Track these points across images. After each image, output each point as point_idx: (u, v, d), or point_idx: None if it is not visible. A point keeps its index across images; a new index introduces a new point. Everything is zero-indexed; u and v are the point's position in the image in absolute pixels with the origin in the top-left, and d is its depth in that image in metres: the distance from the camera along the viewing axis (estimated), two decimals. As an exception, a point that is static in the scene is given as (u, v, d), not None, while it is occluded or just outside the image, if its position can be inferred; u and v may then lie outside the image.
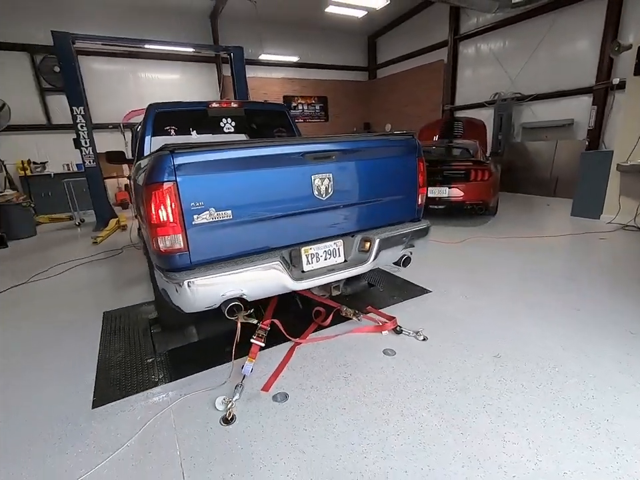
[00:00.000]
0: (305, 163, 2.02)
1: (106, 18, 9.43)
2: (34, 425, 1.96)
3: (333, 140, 2.15)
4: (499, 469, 1.55)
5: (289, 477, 1.56)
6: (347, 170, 2.19)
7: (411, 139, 2.49)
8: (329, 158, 2.08)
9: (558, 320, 2.74)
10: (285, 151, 1.95)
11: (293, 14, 10.94)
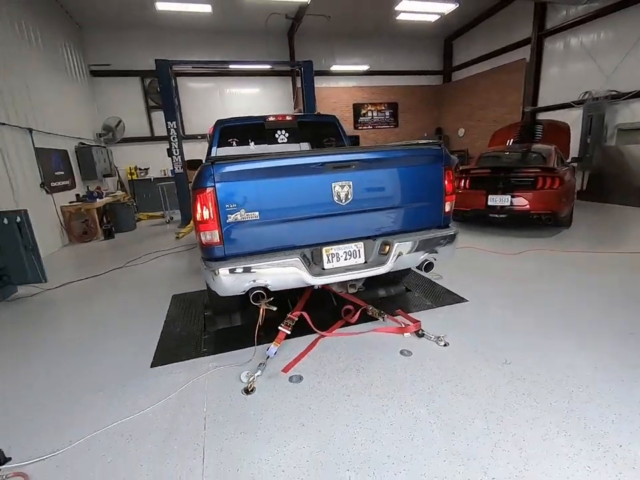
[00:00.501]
0: (325, 171, 2.26)
1: (197, 43, 10.80)
2: (111, 373, 2.53)
3: (352, 151, 2.36)
4: (480, 469, 1.59)
5: (286, 442, 1.81)
6: (366, 178, 2.37)
7: (437, 148, 2.56)
8: (348, 167, 2.29)
9: (601, 342, 2.52)
10: (306, 161, 2.23)
11: (364, 25, 11.21)
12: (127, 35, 10.27)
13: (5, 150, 5.64)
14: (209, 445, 1.83)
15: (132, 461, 1.76)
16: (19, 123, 6.09)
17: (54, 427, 2.04)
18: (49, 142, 7.18)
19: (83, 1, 8.73)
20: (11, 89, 5.97)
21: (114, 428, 1.99)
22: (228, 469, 1.68)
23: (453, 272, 4.08)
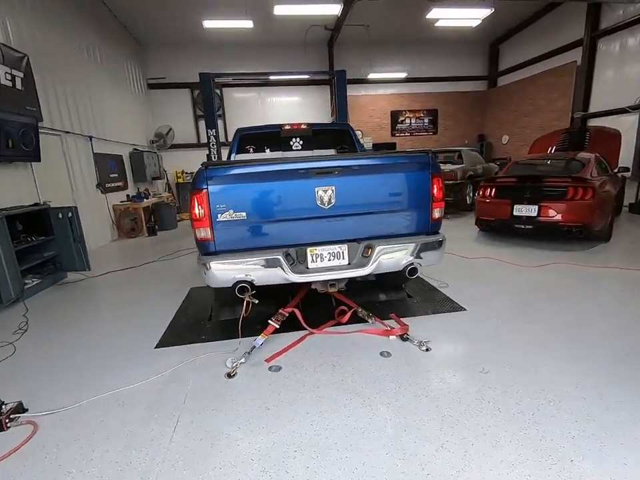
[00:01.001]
0: (309, 177, 2.43)
1: (241, 56, 11.49)
2: (122, 350, 2.89)
3: (334, 158, 2.50)
4: (418, 464, 1.65)
5: (249, 421, 1.99)
6: (349, 184, 2.50)
7: (422, 156, 2.61)
8: (330, 173, 2.44)
9: (596, 363, 2.39)
10: (290, 167, 2.41)
11: (402, 33, 11.21)
12: (179, 51, 11.23)
13: (68, 155, 6.49)
14: (183, 417, 2.06)
15: (118, 422, 2.05)
16: (81, 131, 6.97)
17: (67, 389, 2.40)
18: (107, 148, 8.10)
19: (144, 24, 9.74)
20: (76, 102, 6.86)
21: (113, 394, 2.30)
22: (192, 438, 1.89)
23: (462, 281, 4.03)
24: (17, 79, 5.24)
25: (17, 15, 5.42)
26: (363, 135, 12.81)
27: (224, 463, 1.72)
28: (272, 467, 1.68)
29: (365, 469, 1.65)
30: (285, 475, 1.64)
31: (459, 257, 4.98)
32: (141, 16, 9.31)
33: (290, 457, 1.74)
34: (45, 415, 2.14)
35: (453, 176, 7.76)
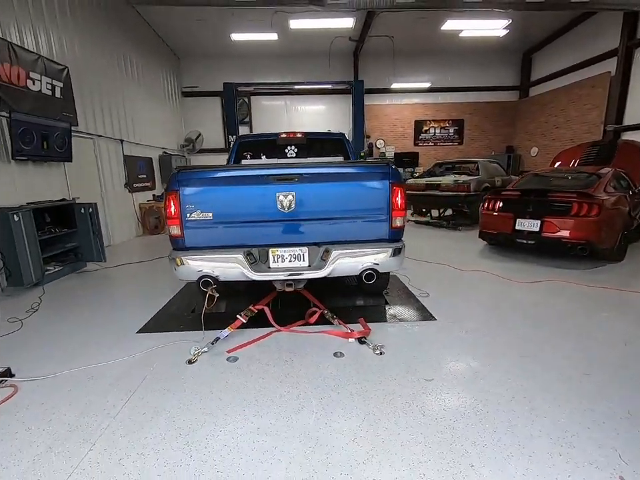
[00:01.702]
0: (270, 183, 2.62)
1: (267, 66, 12.00)
2: (110, 332, 3.20)
3: (294, 165, 2.66)
4: (325, 453, 1.76)
5: (190, 402, 2.19)
6: (309, 190, 2.65)
7: (382, 166, 2.71)
8: (291, 180, 2.61)
9: (538, 378, 2.36)
10: (254, 173, 2.61)
11: (427, 43, 11.18)
12: (211, 62, 11.93)
13: (99, 156, 7.15)
14: (137, 393, 2.30)
15: (82, 392, 2.32)
16: (113, 135, 7.64)
17: (53, 362, 2.72)
18: (137, 151, 8.79)
19: (180, 38, 10.51)
20: (110, 109, 7.55)
21: (87, 369, 2.60)
22: (138, 411, 2.12)
23: (445, 292, 4.03)
24: (57, 88, 5.90)
25: (61, 30, 6.11)
26: (386, 144, 12.87)
27: (156, 434, 1.93)
28: (194, 442, 1.86)
29: (275, 452, 1.79)
30: (203, 450, 1.81)
31: (453, 269, 4.94)
32: (177, 31, 10.04)
33: (214, 435, 1.91)
34: (26, 381, 2.46)
35: (465, 187, 7.63)
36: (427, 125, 12.83)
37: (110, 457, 1.79)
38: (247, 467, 1.70)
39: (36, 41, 5.53)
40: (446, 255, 5.69)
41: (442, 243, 6.80)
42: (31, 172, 5.32)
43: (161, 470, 1.70)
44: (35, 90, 5.43)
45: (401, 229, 2.84)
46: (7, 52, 4.90)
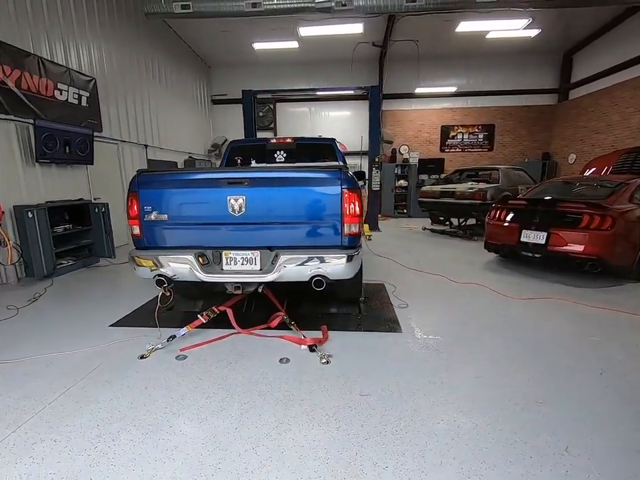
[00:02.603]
0: (222, 186, 2.66)
1: (293, 72, 12.21)
2: (89, 323, 3.41)
3: (243, 170, 2.68)
4: (220, 458, 1.75)
5: (122, 393, 2.27)
6: (259, 194, 2.66)
7: (334, 171, 2.65)
8: (240, 183, 2.63)
9: (478, 401, 2.17)
10: (205, 176, 2.67)
11: (454, 46, 10.78)
12: (238, 70, 12.39)
13: (122, 160, 7.66)
14: (81, 382, 2.42)
15: (35, 377, 2.49)
16: (137, 140, 8.17)
17: (26, 347, 2.95)
18: (163, 155, 9.31)
19: (208, 48, 11.04)
20: (136, 116, 8.09)
21: (49, 356, 2.78)
22: (72, 399, 2.23)
23: (426, 304, 3.86)
24: (83, 98, 6.43)
25: (91, 44, 6.67)
26: (410, 150, 12.57)
27: (75, 423, 2.02)
28: (106, 434, 1.93)
29: (174, 452, 1.80)
30: (110, 442, 1.87)
31: (448, 281, 4.70)
32: (205, 41, 10.57)
33: (126, 430, 1.96)
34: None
35: (481, 196, 7.24)
36: (455, 131, 12.35)
37: (26, 440, 1.90)
38: (141, 464, 1.73)
39: (65, 54, 6.08)
40: (447, 266, 5.43)
41: (449, 253, 6.49)
42: (54, 174, 5.83)
43: (64, 457, 1.78)
44: (62, 99, 5.96)
45: (355, 236, 2.76)
46: (36, 66, 5.44)
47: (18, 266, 5.04)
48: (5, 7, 4.95)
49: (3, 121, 4.93)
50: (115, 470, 1.69)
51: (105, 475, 1.66)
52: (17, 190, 5.12)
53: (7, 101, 4.96)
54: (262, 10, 6.11)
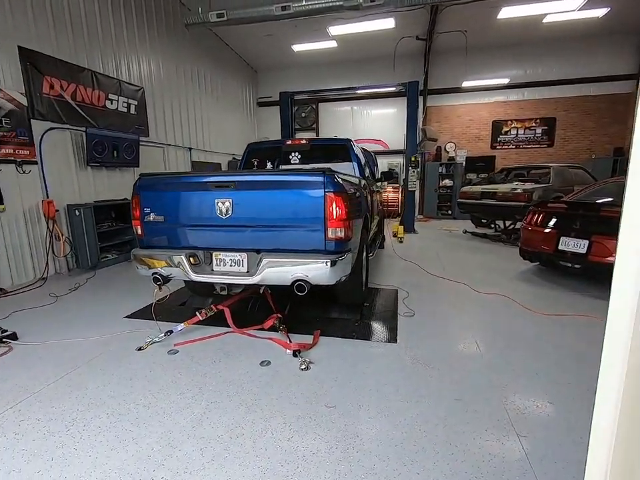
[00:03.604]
0: (209, 189, 2.74)
1: (334, 72, 12.17)
2: (106, 313, 3.75)
3: (229, 173, 2.72)
4: (168, 455, 1.81)
5: (109, 381, 2.45)
6: (244, 198, 2.69)
7: (317, 174, 2.57)
8: (227, 187, 2.69)
9: (445, 430, 1.97)
10: (194, 180, 2.77)
11: (504, 34, 9.91)
12: (282, 72, 12.68)
13: (167, 162, 8.26)
14: (82, 368, 2.66)
15: (45, 361, 2.79)
16: (182, 143, 8.75)
17: (51, 332, 3.32)
18: (207, 157, 9.88)
19: (254, 53, 11.45)
20: (181, 120, 8.67)
21: (64, 342, 3.10)
22: (65, 384, 2.46)
23: (437, 314, 3.63)
24: (132, 106, 7.05)
25: (140, 56, 7.27)
26: (457, 147, 11.86)
27: (65, 405, 2.23)
28: (78, 420, 2.09)
29: (129, 444, 1.90)
30: (80, 428, 2.03)
31: (469, 290, 4.36)
32: (250, 46, 10.97)
33: (97, 417, 2.12)
34: (21, 344, 3.07)
35: (526, 197, 6.59)
36: (508, 126, 11.38)
37: (17, 417, 2.13)
38: (98, 451, 1.85)
39: (116, 67, 6.70)
40: (475, 274, 5.04)
41: (483, 259, 6.01)
42: (103, 176, 6.47)
43: (39, 435, 1.97)
44: (112, 108, 6.59)
45: (340, 240, 2.66)
46: (90, 79, 6.07)
47: (69, 258, 5.69)
48: (64, 30, 5.59)
49: (60, 130, 5.58)
50: (74, 454, 1.83)
51: (64, 457, 1.81)
52: (70, 190, 5.77)
53: (64, 112, 5.60)
54: (291, 12, 6.17)
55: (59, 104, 5.52)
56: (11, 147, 4.81)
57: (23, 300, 4.27)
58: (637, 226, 0.66)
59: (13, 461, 1.80)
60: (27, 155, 5.02)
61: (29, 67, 5.03)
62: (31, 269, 5.13)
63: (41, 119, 5.23)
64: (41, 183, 5.25)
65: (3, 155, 4.69)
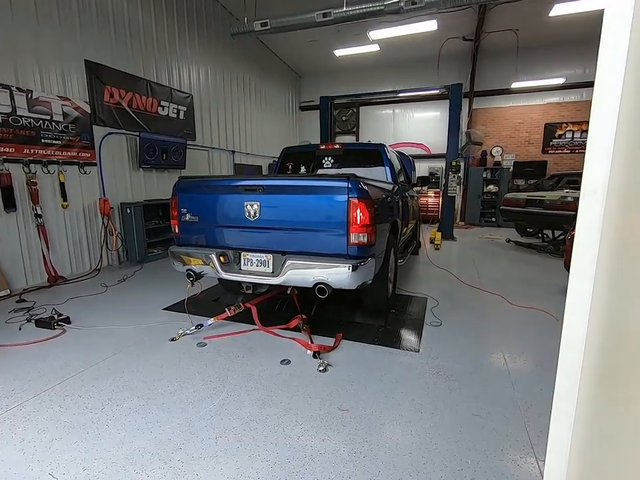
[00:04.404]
0: (239, 192, 2.88)
1: (376, 76, 12.11)
2: (149, 304, 4.05)
3: (257, 178, 2.83)
4: (165, 442, 1.95)
5: (143, 367, 2.67)
6: (272, 201, 2.79)
7: (341, 180, 2.61)
8: (255, 190, 2.81)
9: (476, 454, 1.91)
10: (226, 184, 2.92)
11: (561, 32, 9.25)
12: (323, 77, 12.85)
13: (212, 164, 8.72)
14: (120, 354, 2.92)
15: (89, 345, 3.09)
16: (226, 147, 9.19)
17: (97, 319, 3.67)
18: (248, 159, 10.27)
19: (298, 58, 11.74)
20: (226, 125, 9.11)
21: (108, 328, 3.41)
22: (105, 367, 2.72)
23: (466, 325, 3.52)
24: (181, 112, 7.54)
25: (190, 64, 7.76)
26: (504, 152, 11.28)
27: (103, 385, 2.46)
28: (116, 399, 2.31)
29: (163, 413, 2.06)
30: (118, 405, 2.24)
31: (504, 302, 4.16)
32: (294, 52, 11.25)
33: (134, 396, 2.32)
34: (72, 328, 3.42)
35: (571, 206, 6.12)
36: (562, 129, 10.61)
37: (63, 392, 2.40)
38: (127, 430, 2.03)
39: (168, 75, 7.21)
40: (513, 286, 4.79)
41: (525, 271, 5.68)
42: (153, 177, 6.98)
43: (79, 410, 2.20)
44: (163, 114, 7.09)
45: (362, 246, 2.67)
46: (145, 88, 6.59)
47: (120, 252, 6.20)
48: (124, 42, 6.12)
49: (117, 134, 6.11)
50: (106, 430, 2.03)
51: (97, 432, 2.01)
52: (123, 190, 6.29)
53: (121, 118, 6.13)
54: (332, 19, 6.27)
55: (117, 111, 6.06)
56: (76, 150, 5.36)
57: (78, 288, 4.74)
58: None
59: (56, 430, 2.03)
60: (88, 157, 5.56)
61: (93, 78, 5.58)
62: (87, 261, 5.67)
63: (102, 125, 5.77)
64: (98, 183, 5.78)
65: (68, 157, 5.25)
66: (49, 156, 4.99)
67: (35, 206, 4.79)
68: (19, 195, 4.67)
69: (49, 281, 4.95)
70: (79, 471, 1.75)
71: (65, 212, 5.27)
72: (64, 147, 5.18)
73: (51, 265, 5.01)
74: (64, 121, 5.17)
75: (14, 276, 4.66)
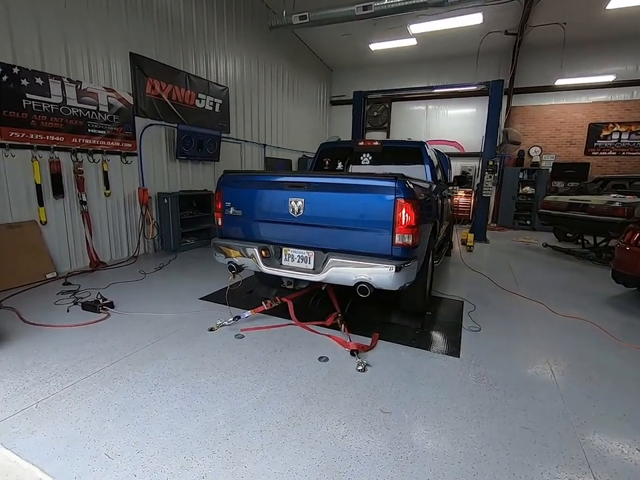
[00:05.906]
0: (284, 188, 2.87)
1: (412, 71, 11.84)
2: (186, 294, 4.15)
3: (303, 174, 2.81)
4: (201, 433, 1.98)
5: (184, 356, 2.74)
6: (317, 198, 2.77)
7: (389, 180, 2.55)
8: (300, 187, 2.79)
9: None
10: (271, 179, 2.92)
11: (615, 27, 8.68)
12: (356, 71, 12.66)
13: (244, 157, 8.81)
14: (162, 340, 3.00)
15: (133, 329, 3.19)
16: (258, 140, 9.25)
17: (138, 304, 3.79)
18: (279, 153, 10.32)
19: (331, 52, 11.61)
20: (258, 119, 9.16)
21: (148, 314, 3.51)
22: (149, 352, 2.80)
23: (506, 332, 3.41)
24: (217, 105, 7.63)
25: (227, 57, 7.82)
26: (543, 152, 10.81)
27: (149, 370, 2.54)
28: (162, 385, 2.38)
29: (207, 402, 2.11)
30: (165, 391, 2.30)
31: (546, 310, 3.99)
32: (327, 46, 11.14)
33: (179, 383, 2.38)
34: (116, 312, 3.55)
35: (625, 212, 5.77)
36: (609, 129, 10.02)
37: (111, 375, 2.49)
38: (174, 415, 2.08)
39: (206, 68, 7.30)
40: (554, 293, 4.59)
41: (565, 278, 5.43)
42: (189, 168, 7.12)
43: (128, 394, 2.27)
44: (200, 107, 7.20)
45: (407, 247, 2.61)
46: (184, 80, 6.71)
47: (156, 240, 6.39)
48: (165, 34, 6.24)
49: (157, 126, 6.26)
50: (155, 415, 2.09)
51: (147, 417, 2.07)
52: (160, 180, 6.46)
53: (161, 110, 6.27)
54: (373, 12, 6.14)
55: (158, 103, 6.20)
56: (119, 140, 5.53)
57: (118, 274, 4.92)
58: None
59: (108, 412, 2.11)
60: (130, 147, 5.73)
61: (136, 70, 5.73)
62: (125, 248, 5.87)
63: (143, 116, 5.93)
64: (138, 173, 5.96)
65: (112, 147, 5.42)
66: (95, 145, 5.18)
67: (80, 193, 4.99)
68: (66, 182, 4.87)
69: (90, 265, 5.16)
70: (132, 453, 1.81)
71: (107, 200, 5.47)
72: (108, 137, 5.36)
73: (93, 250, 5.22)
74: (109, 111, 5.33)
75: (60, 259, 4.88)
